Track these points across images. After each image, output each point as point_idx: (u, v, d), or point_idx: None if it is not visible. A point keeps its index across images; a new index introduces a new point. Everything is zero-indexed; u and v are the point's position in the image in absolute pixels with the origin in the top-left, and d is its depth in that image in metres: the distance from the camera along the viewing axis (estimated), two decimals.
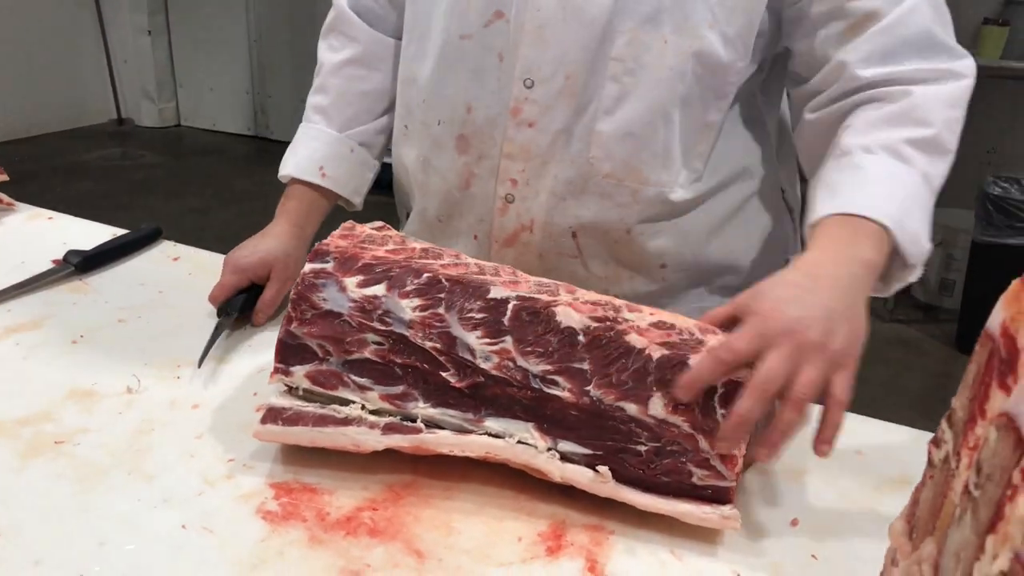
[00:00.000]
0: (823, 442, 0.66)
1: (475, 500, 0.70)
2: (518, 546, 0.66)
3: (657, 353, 0.68)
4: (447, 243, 1.00)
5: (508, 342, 0.70)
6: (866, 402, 0.82)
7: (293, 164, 1.04)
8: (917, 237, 0.77)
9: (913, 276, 0.81)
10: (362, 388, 0.71)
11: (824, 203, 0.78)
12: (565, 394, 0.68)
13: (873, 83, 0.83)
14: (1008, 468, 0.32)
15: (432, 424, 0.71)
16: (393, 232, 0.83)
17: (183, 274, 1.12)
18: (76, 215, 1.32)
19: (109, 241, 1.15)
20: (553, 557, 0.65)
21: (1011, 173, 2.81)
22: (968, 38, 2.94)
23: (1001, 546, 0.30)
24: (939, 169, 0.81)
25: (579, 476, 0.68)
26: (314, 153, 1.04)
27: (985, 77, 3.00)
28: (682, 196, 0.92)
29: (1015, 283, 0.37)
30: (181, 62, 5.67)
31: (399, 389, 0.71)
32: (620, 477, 0.68)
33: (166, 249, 1.20)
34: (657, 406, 0.67)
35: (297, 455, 0.74)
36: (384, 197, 1.15)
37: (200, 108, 5.72)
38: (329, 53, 1.08)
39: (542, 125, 0.89)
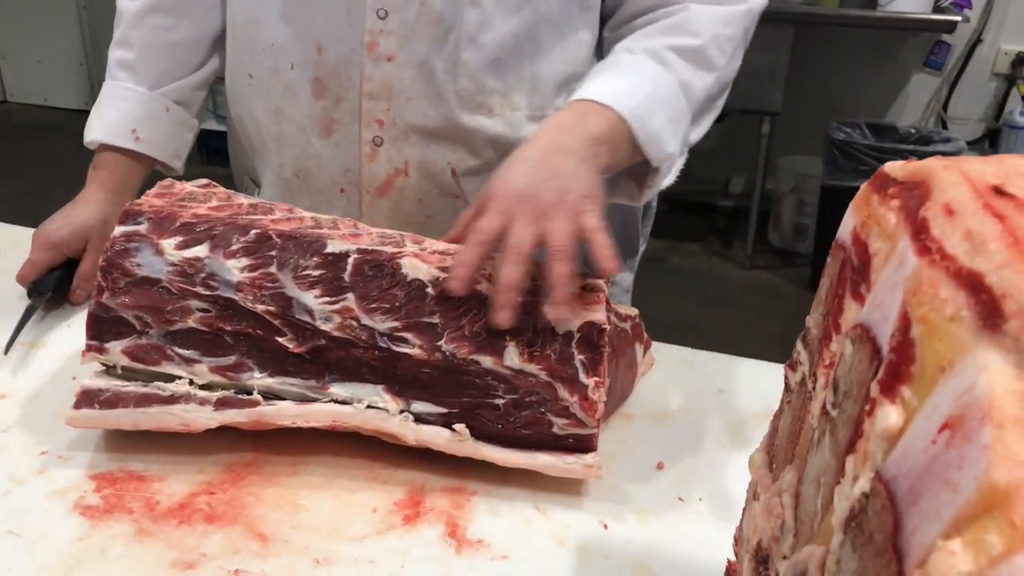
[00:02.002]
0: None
1: (325, 473, 0.65)
2: (372, 518, 0.61)
3: None
4: (310, 202, 0.91)
5: (350, 300, 0.64)
6: (727, 346, 0.81)
7: (101, 128, 0.93)
8: (658, 137, 0.76)
9: (662, 182, 0.81)
10: (188, 361, 0.64)
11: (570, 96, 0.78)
12: (415, 351, 0.63)
13: (660, 4, 0.83)
14: (865, 382, 0.29)
15: (271, 395, 0.64)
16: (219, 189, 0.75)
17: None
18: None
19: None
20: (411, 525, 0.60)
21: (853, 119, 2.94)
22: None
23: (861, 466, 0.27)
24: (703, 81, 0.81)
25: (435, 437, 0.64)
26: (124, 115, 0.93)
27: (825, 26, 3.08)
28: None
29: (863, 187, 0.35)
30: (1, 32, 5.19)
31: (231, 359, 0.64)
32: (479, 434, 0.64)
33: None
34: (512, 356, 0.63)
35: (123, 441, 0.66)
36: (218, 168, 1.05)
37: (28, 82, 5.26)
38: (127, 0, 0.96)
39: (402, 59, 0.82)
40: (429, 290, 0.65)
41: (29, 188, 3.81)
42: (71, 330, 0.84)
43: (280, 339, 0.64)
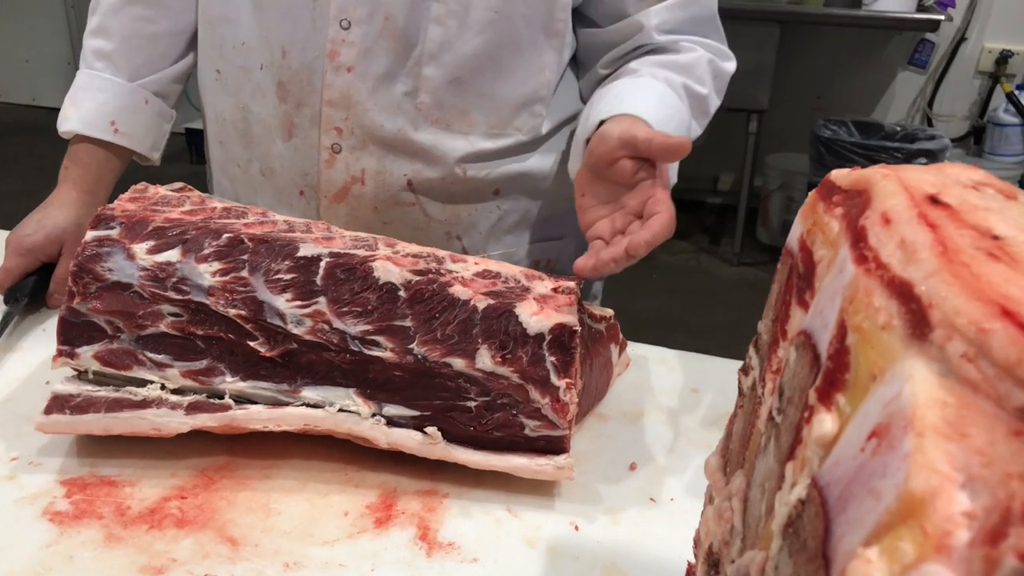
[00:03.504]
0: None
1: (297, 477, 0.65)
2: (344, 521, 0.61)
3: (482, 304, 0.64)
4: (273, 201, 0.92)
5: (322, 303, 0.64)
6: (714, 342, 0.82)
7: (78, 118, 0.92)
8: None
9: None
10: (160, 366, 0.64)
11: (607, 106, 0.78)
12: (387, 354, 0.64)
13: (664, 46, 0.87)
14: (806, 389, 0.29)
15: (243, 399, 0.64)
16: (194, 193, 0.75)
17: None
18: None
19: None
20: (382, 528, 0.61)
21: (839, 116, 2.95)
22: None
23: (799, 472, 0.28)
24: (700, 123, 0.87)
25: (407, 440, 0.64)
26: (103, 106, 0.92)
27: (810, 25, 3.08)
28: (519, 140, 0.88)
29: (810, 195, 0.35)
30: None
31: (202, 364, 0.64)
32: (451, 437, 0.64)
33: None
34: (484, 359, 0.63)
35: (95, 446, 0.66)
36: (196, 167, 1.05)
37: (16, 82, 5.24)
38: None
39: (361, 69, 0.83)
40: (401, 293, 0.65)
41: (15, 188, 3.79)
42: (46, 334, 0.84)
43: (252, 343, 0.64)
